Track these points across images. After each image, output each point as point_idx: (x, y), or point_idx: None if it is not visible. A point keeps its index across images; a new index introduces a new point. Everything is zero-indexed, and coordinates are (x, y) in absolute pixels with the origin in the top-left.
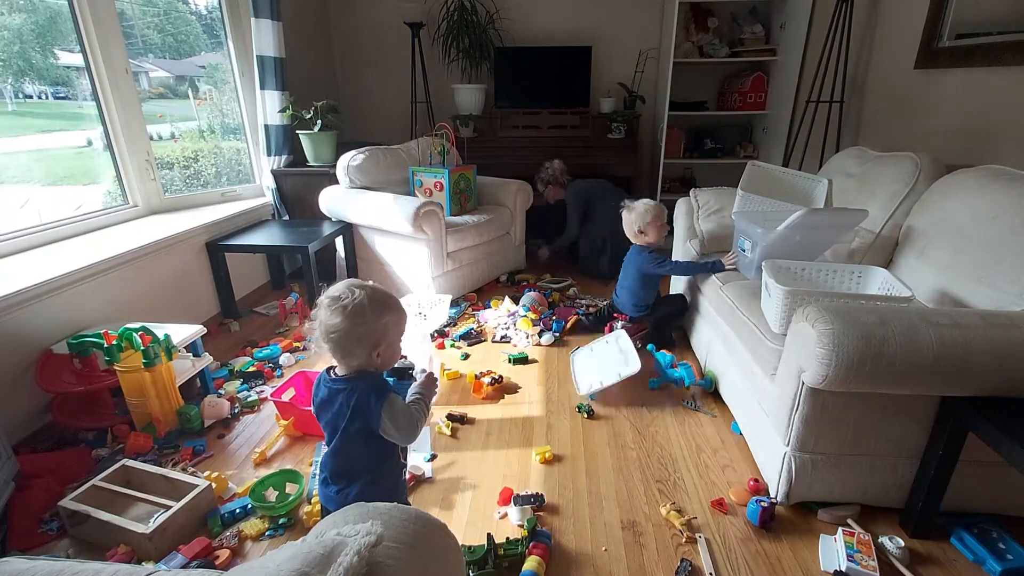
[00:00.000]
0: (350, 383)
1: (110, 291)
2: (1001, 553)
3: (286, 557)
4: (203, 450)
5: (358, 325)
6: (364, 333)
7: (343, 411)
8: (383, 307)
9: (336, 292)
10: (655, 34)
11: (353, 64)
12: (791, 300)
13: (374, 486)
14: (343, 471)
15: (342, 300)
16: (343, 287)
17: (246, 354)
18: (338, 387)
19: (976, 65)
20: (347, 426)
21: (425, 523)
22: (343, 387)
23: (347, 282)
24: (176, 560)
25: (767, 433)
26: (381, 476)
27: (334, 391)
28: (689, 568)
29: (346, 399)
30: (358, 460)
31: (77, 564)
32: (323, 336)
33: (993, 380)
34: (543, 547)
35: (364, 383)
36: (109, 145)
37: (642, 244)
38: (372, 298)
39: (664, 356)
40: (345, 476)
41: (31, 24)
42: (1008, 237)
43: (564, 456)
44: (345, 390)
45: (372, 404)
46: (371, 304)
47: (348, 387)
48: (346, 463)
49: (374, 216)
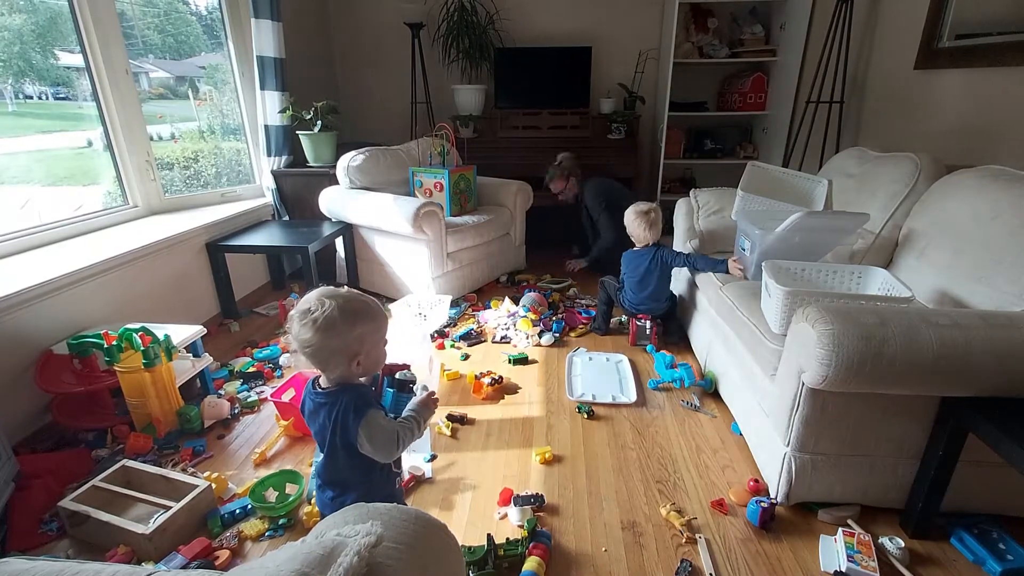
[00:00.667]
0: (331, 397)
1: (110, 291)
2: (1001, 553)
3: (286, 557)
4: (203, 450)
5: (331, 338)
6: (338, 346)
7: (326, 424)
8: (355, 317)
9: (306, 305)
10: (655, 34)
11: (353, 64)
12: (791, 300)
13: (369, 496)
14: (336, 479)
15: (312, 313)
16: (314, 298)
17: (246, 354)
18: (320, 400)
19: (976, 65)
20: (331, 439)
21: (425, 523)
22: (324, 401)
23: (319, 292)
24: (176, 560)
25: (767, 433)
26: (372, 486)
27: (317, 404)
28: (689, 568)
29: (327, 413)
30: (347, 471)
31: (77, 564)
32: (299, 350)
33: (993, 380)
34: (543, 547)
35: (345, 397)
36: (109, 145)
37: (644, 246)
38: (344, 309)
39: (664, 356)
40: (339, 484)
41: (31, 24)
42: (1008, 237)
43: (564, 456)
44: (327, 404)
45: (350, 420)
46: (342, 315)
47: (329, 401)
48: (336, 473)
49: (374, 216)
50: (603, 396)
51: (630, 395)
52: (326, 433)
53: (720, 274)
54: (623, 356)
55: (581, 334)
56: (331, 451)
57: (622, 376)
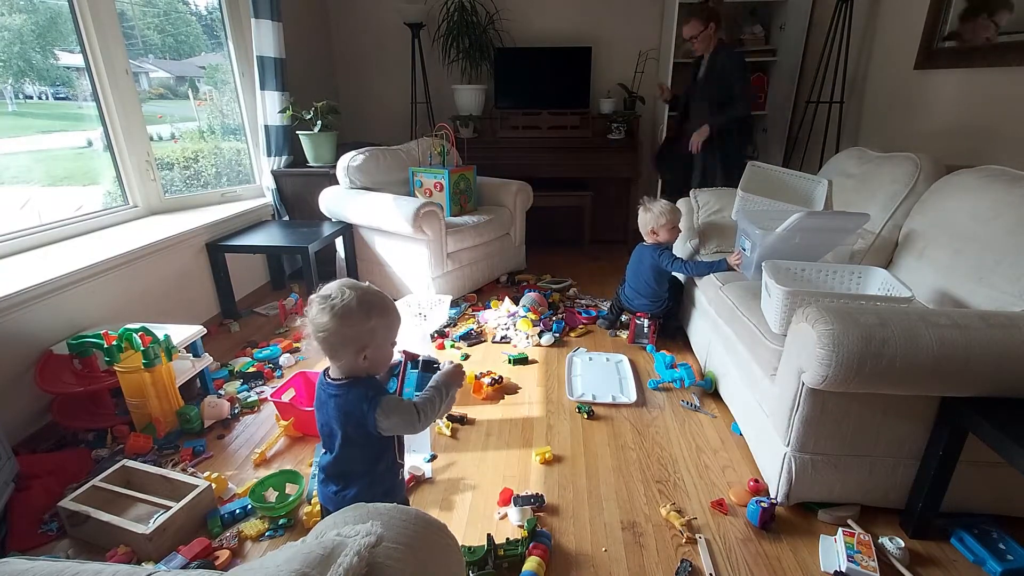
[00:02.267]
0: (342, 388)
1: (110, 291)
2: (1001, 554)
3: (286, 558)
4: (203, 450)
5: (345, 326)
6: (351, 335)
7: (336, 415)
8: (371, 309)
9: (327, 291)
10: (655, 34)
11: (353, 64)
12: (791, 300)
13: (372, 487)
14: (340, 472)
15: (332, 299)
16: (336, 286)
17: (246, 354)
18: (331, 392)
19: (976, 65)
20: (341, 429)
21: (425, 523)
22: (335, 392)
23: (341, 281)
24: (176, 561)
25: (767, 434)
26: (377, 477)
27: (328, 395)
28: (689, 569)
29: (337, 404)
30: (353, 461)
31: (77, 564)
32: (312, 333)
33: (993, 380)
34: (543, 548)
35: (356, 390)
36: (109, 145)
37: (652, 243)
38: (361, 300)
39: (664, 356)
40: (343, 477)
41: (31, 24)
42: (1008, 237)
43: (564, 457)
44: (337, 395)
45: (365, 410)
46: (359, 306)
47: (340, 393)
48: (342, 464)
49: (374, 217)
50: (603, 396)
51: (630, 395)
52: (333, 424)
53: (720, 273)
54: (623, 356)
55: (581, 334)
56: (342, 443)
57: (622, 376)
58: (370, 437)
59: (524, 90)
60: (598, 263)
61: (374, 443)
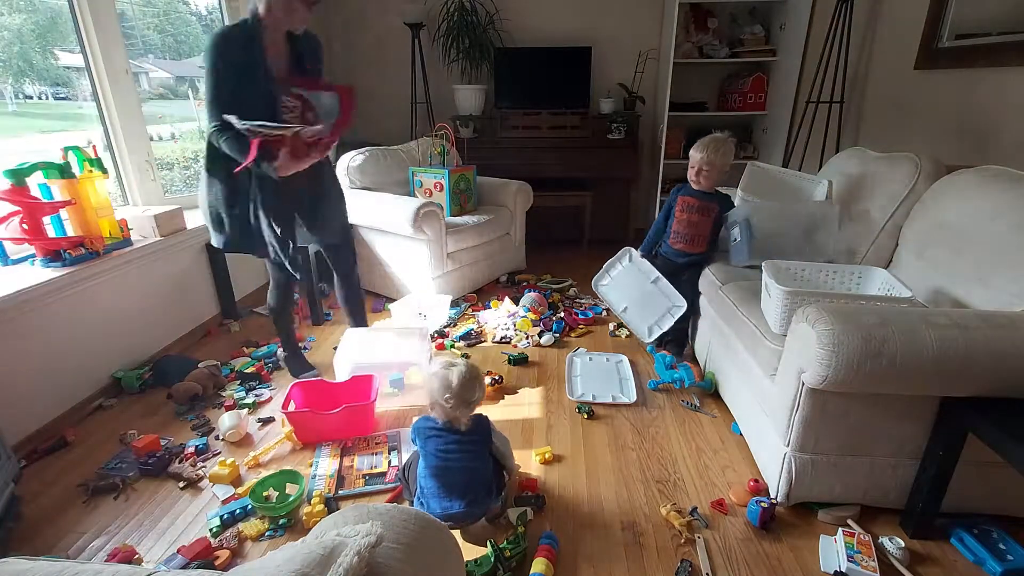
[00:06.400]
0: (479, 428)
1: (110, 291)
2: (1001, 554)
3: (286, 558)
4: (205, 449)
5: (480, 388)
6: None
7: (478, 450)
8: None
9: (463, 368)
10: (655, 34)
11: (353, 64)
12: (791, 301)
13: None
14: (485, 481)
15: (473, 373)
16: (462, 365)
17: (243, 354)
18: (475, 438)
19: (976, 66)
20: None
21: (425, 524)
22: (477, 437)
23: (449, 360)
24: (176, 560)
25: (767, 434)
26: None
27: (472, 442)
28: (689, 569)
29: (482, 439)
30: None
31: (77, 564)
32: (463, 404)
33: (993, 380)
34: (551, 549)
35: (485, 421)
36: (109, 146)
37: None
38: (469, 365)
39: (664, 357)
40: (484, 485)
41: (31, 24)
42: (1008, 237)
43: (564, 457)
44: (479, 439)
45: (492, 432)
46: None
47: (480, 436)
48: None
49: (374, 216)
50: (603, 396)
51: (630, 395)
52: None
53: (720, 274)
54: (623, 356)
55: (581, 334)
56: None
57: (622, 376)
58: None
59: (524, 90)
60: (598, 263)
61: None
